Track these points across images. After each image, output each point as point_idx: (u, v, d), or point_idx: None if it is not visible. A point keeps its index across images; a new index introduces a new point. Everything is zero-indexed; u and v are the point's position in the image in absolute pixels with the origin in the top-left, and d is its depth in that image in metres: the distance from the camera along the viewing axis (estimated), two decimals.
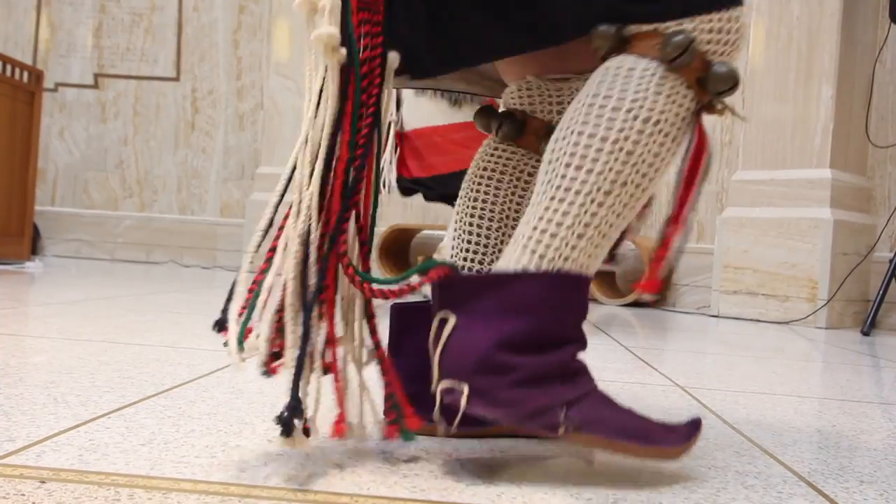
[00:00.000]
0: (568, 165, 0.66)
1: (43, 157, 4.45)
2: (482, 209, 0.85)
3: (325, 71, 0.67)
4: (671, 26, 0.68)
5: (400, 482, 0.63)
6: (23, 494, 0.54)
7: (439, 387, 0.63)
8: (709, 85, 0.68)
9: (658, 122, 0.67)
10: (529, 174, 0.85)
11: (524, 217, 0.69)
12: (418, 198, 2.31)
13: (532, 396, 0.63)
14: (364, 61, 0.68)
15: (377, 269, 4.12)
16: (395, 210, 4.08)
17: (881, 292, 2.83)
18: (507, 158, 0.86)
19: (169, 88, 4.48)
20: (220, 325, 0.69)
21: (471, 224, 0.85)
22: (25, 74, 3.32)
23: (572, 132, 0.67)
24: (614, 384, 1.23)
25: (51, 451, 0.65)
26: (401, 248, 3.99)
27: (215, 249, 4.42)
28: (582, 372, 0.67)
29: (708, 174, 0.72)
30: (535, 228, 0.66)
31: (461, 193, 0.88)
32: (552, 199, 0.66)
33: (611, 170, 0.66)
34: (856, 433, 0.97)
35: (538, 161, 0.85)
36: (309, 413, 0.66)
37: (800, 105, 3.06)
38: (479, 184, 0.86)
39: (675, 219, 0.72)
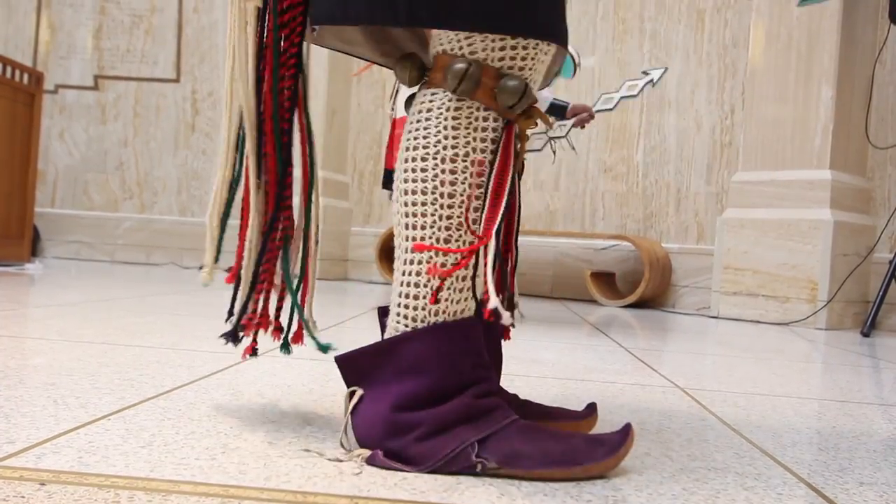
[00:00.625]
0: (407, 227, 0.69)
1: (43, 158, 4.45)
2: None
3: (243, 18, 0.70)
4: (462, 46, 0.68)
5: (400, 484, 0.63)
6: (23, 496, 0.54)
7: (359, 457, 0.67)
8: (499, 100, 0.68)
9: (467, 154, 0.68)
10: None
11: (394, 282, 0.72)
12: None
13: (440, 446, 0.66)
14: (284, 10, 0.70)
15: (377, 270, 4.12)
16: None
17: (881, 293, 2.83)
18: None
19: (169, 90, 4.48)
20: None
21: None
22: (25, 76, 3.32)
23: (402, 192, 0.70)
24: (614, 385, 1.23)
25: (50, 453, 0.65)
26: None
27: None
28: (490, 409, 0.68)
29: (512, 190, 0.70)
30: (400, 294, 0.70)
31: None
32: (405, 262, 0.70)
33: (441, 217, 0.68)
34: (856, 434, 0.97)
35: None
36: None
37: (800, 106, 3.06)
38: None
39: (483, 235, 0.69)
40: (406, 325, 0.69)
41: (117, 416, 0.80)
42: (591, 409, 0.84)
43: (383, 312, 0.76)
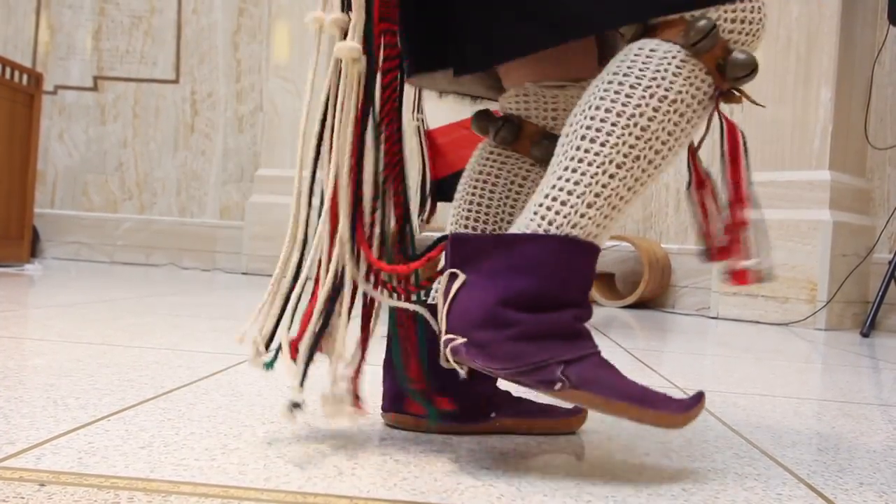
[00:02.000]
0: (583, 138, 0.68)
1: (42, 159, 4.45)
2: (477, 212, 0.86)
3: (342, 82, 0.70)
4: (695, 15, 0.70)
5: (399, 484, 0.63)
6: (22, 497, 0.54)
7: (442, 339, 0.66)
8: (727, 71, 0.70)
9: (674, 101, 0.68)
10: (523, 178, 0.87)
11: (539, 186, 0.71)
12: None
13: (530, 351, 0.64)
14: (386, 71, 0.70)
15: None
16: None
17: (880, 294, 2.83)
18: (503, 162, 0.87)
19: (168, 91, 4.48)
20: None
21: (465, 227, 0.87)
22: (25, 77, 3.32)
23: (589, 107, 0.69)
24: None
25: (50, 454, 0.65)
26: None
27: (215, 252, 4.42)
28: (584, 336, 0.68)
29: (748, 152, 0.76)
30: (546, 196, 0.68)
31: (457, 196, 0.89)
32: (565, 169, 0.68)
33: (624, 143, 0.67)
34: (855, 435, 0.97)
35: (532, 166, 0.87)
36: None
37: (799, 107, 3.07)
38: (475, 187, 0.87)
39: (738, 199, 0.76)
40: (539, 226, 0.67)
41: (117, 416, 0.80)
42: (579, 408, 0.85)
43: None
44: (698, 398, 0.70)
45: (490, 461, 0.73)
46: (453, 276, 0.68)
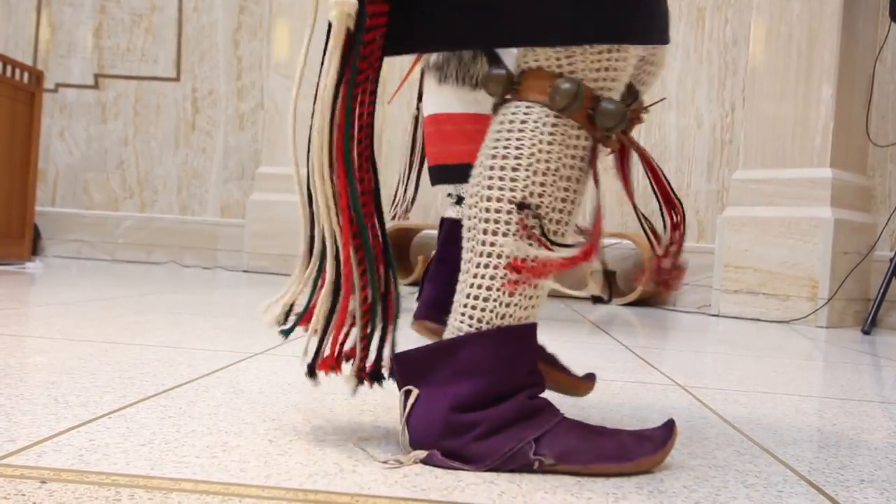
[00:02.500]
0: (485, 232, 0.70)
1: (43, 157, 4.45)
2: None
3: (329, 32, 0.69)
4: (561, 65, 0.69)
5: (401, 482, 0.63)
6: (23, 494, 0.54)
7: (414, 458, 0.68)
8: (597, 123, 0.70)
9: (557, 170, 0.70)
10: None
11: (458, 284, 0.73)
12: (420, 197, 2.30)
13: (498, 444, 0.67)
14: (370, 28, 0.69)
15: None
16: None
17: (882, 291, 2.83)
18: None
19: (169, 89, 4.48)
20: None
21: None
22: (26, 75, 3.32)
23: (481, 198, 0.71)
24: (615, 383, 1.23)
25: (51, 452, 0.65)
26: (401, 247, 3.99)
27: (216, 249, 4.43)
28: (544, 409, 0.70)
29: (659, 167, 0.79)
30: (468, 296, 0.70)
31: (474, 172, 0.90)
32: (477, 266, 0.70)
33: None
34: (856, 432, 0.97)
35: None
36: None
37: (800, 104, 3.06)
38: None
39: (668, 202, 0.82)
40: (470, 326, 0.70)
41: (118, 414, 0.80)
42: (591, 377, 0.95)
43: (448, 223, 0.76)
44: (669, 430, 0.72)
45: None
46: (407, 393, 0.71)
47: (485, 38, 0.71)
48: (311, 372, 0.72)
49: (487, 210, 0.70)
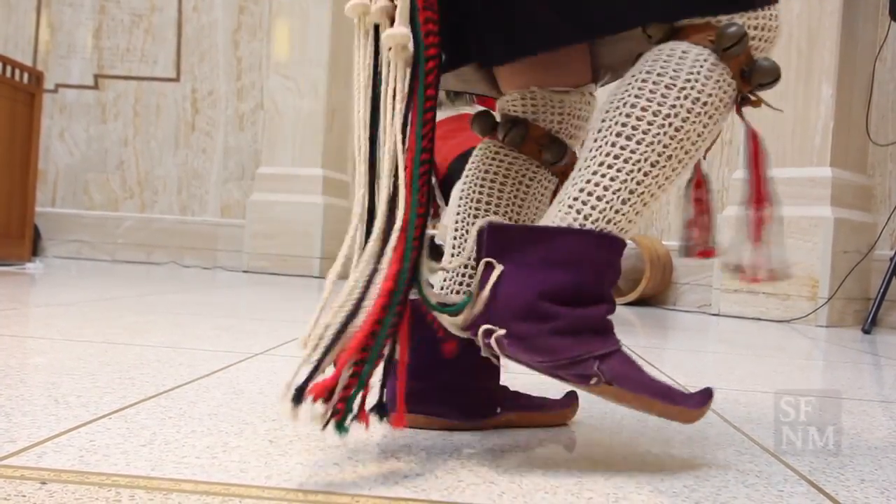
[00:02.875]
0: (619, 135, 0.69)
1: (43, 158, 4.45)
2: (486, 211, 0.86)
3: (390, 69, 0.68)
4: (723, 20, 0.71)
5: (401, 482, 0.63)
6: (24, 495, 0.54)
7: (480, 330, 0.66)
8: (753, 77, 0.72)
9: (706, 103, 0.70)
10: (530, 179, 0.87)
11: (570, 180, 0.71)
12: None
13: (568, 346, 0.66)
14: (428, 59, 0.68)
15: None
16: None
17: (882, 290, 2.83)
18: (510, 163, 0.87)
19: (169, 89, 4.48)
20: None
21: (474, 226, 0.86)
22: (25, 76, 3.32)
23: (625, 104, 0.70)
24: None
25: (52, 452, 0.65)
26: None
27: (216, 250, 4.43)
28: (611, 330, 0.70)
29: (768, 155, 0.80)
30: (581, 190, 0.69)
31: (461, 194, 0.89)
32: (601, 164, 0.69)
33: (660, 143, 0.69)
34: (857, 431, 0.97)
35: (538, 167, 0.87)
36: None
37: (800, 103, 3.06)
38: (482, 186, 0.87)
39: (759, 199, 0.81)
40: (574, 220, 0.68)
41: (118, 414, 0.80)
42: (572, 397, 0.88)
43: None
44: (709, 394, 0.72)
45: (491, 458, 0.73)
46: (489, 266, 0.68)
47: (650, 13, 0.73)
48: (298, 397, 0.61)
49: (629, 116, 0.69)
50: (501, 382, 0.86)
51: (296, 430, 0.79)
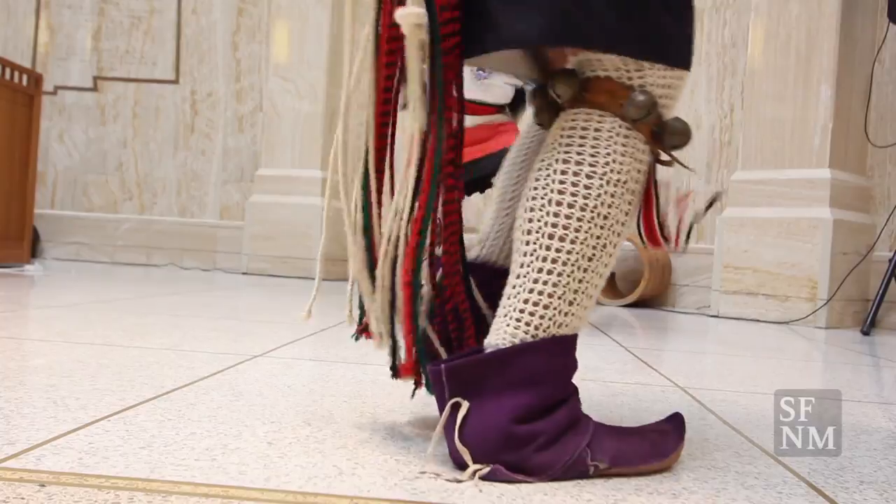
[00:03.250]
0: (551, 237, 0.69)
1: (42, 160, 4.44)
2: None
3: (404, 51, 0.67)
4: (632, 77, 0.70)
5: (400, 484, 0.63)
6: (22, 498, 0.54)
7: (474, 472, 0.66)
8: (665, 140, 0.71)
9: (626, 182, 0.70)
10: None
11: (508, 289, 0.71)
12: None
13: (557, 455, 0.67)
14: (444, 36, 0.67)
15: None
16: None
17: (881, 292, 2.83)
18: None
19: (168, 91, 4.48)
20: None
21: (509, 206, 0.89)
22: (24, 78, 3.32)
23: (550, 202, 0.69)
24: (614, 384, 1.23)
25: (50, 455, 0.65)
26: None
27: (215, 252, 4.42)
28: (581, 415, 0.71)
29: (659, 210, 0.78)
30: (526, 301, 0.69)
31: (503, 176, 0.91)
32: (539, 271, 0.69)
33: (592, 236, 0.69)
34: (856, 433, 0.97)
35: None
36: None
37: (799, 105, 3.06)
38: (521, 167, 0.88)
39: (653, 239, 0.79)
40: (526, 333, 0.68)
41: (117, 416, 0.80)
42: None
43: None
44: (680, 423, 0.77)
45: None
46: (456, 406, 0.68)
47: (564, 36, 0.69)
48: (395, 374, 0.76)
49: (556, 215, 0.69)
50: None
51: (295, 432, 0.79)
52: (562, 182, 0.69)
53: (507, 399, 0.67)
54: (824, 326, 2.87)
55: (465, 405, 0.67)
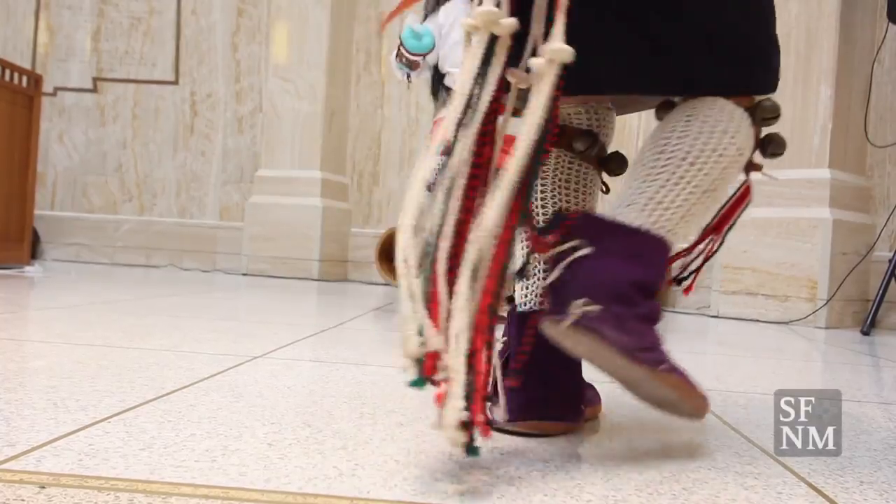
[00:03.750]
0: (690, 163, 0.80)
1: (42, 161, 4.45)
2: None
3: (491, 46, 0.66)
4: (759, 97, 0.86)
5: (400, 485, 0.63)
6: (23, 500, 0.54)
7: (577, 301, 0.71)
8: (767, 147, 0.90)
9: (741, 155, 0.84)
10: (593, 185, 0.96)
11: (634, 181, 0.81)
12: None
13: (649, 332, 0.75)
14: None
15: (376, 271, 4.11)
16: (395, 212, 4.07)
17: (881, 292, 2.83)
18: (585, 173, 0.94)
19: (168, 92, 4.48)
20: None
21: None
22: (24, 79, 3.32)
23: (690, 136, 0.80)
24: (614, 385, 1.23)
25: (51, 456, 0.65)
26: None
27: (215, 253, 4.42)
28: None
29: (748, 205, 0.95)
30: (651, 199, 0.79)
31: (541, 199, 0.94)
32: (667, 181, 0.79)
33: (714, 180, 0.81)
34: (856, 433, 0.97)
35: (595, 173, 0.96)
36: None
37: (798, 105, 3.07)
38: (563, 192, 0.92)
39: (716, 228, 0.94)
40: (652, 224, 0.77)
41: (117, 418, 0.80)
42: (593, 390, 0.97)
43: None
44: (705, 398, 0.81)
45: (490, 461, 0.73)
46: (574, 248, 0.74)
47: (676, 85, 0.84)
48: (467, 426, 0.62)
49: (692, 147, 0.80)
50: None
51: (295, 433, 0.79)
52: (700, 130, 0.80)
53: (627, 263, 0.74)
54: (824, 326, 2.87)
55: (588, 249, 0.74)
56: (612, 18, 0.80)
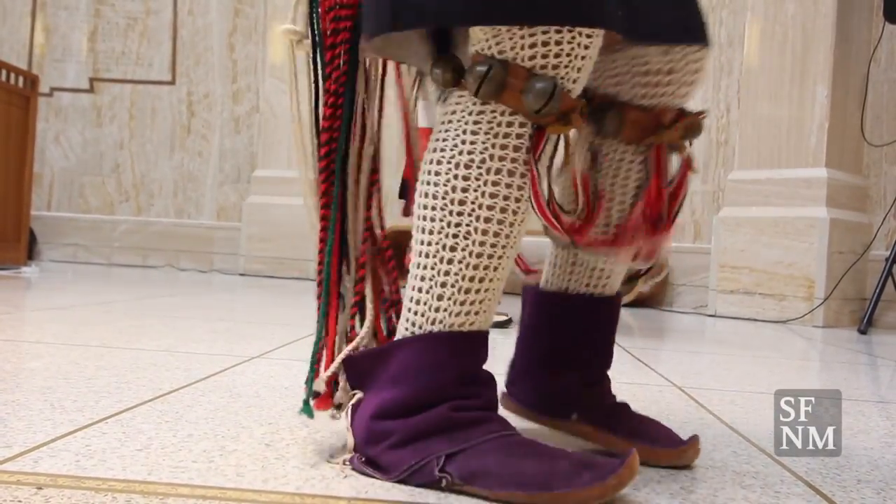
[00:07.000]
0: (420, 230, 0.67)
1: (39, 161, 4.43)
2: None
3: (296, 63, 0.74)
4: (490, 45, 0.62)
5: (398, 485, 0.63)
6: (20, 501, 0.54)
7: (343, 459, 0.68)
8: (524, 102, 0.62)
9: (483, 161, 0.63)
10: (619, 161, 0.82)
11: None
12: None
13: (405, 457, 0.64)
14: (328, 46, 0.73)
15: None
16: (393, 211, 4.07)
17: (877, 290, 2.83)
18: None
19: (164, 92, 4.47)
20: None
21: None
22: (21, 79, 3.31)
23: (419, 194, 0.67)
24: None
25: (47, 457, 0.64)
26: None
27: (212, 253, 4.42)
28: (475, 423, 0.64)
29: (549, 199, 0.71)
30: (409, 298, 0.68)
31: None
32: (413, 265, 0.68)
33: (448, 224, 0.64)
34: (853, 432, 0.97)
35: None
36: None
37: (795, 104, 3.07)
38: None
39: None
40: (406, 329, 0.67)
41: (114, 419, 0.80)
42: (692, 439, 0.76)
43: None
44: (624, 460, 0.60)
45: None
46: (353, 396, 0.70)
47: (410, 16, 0.64)
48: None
49: (421, 207, 0.66)
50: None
51: (293, 433, 0.78)
52: (426, 172, 0.66)
53: (379, 394, 0.67)
54: (821, 325, 2.88)
55: (358, 395, 0.69)
56: None
